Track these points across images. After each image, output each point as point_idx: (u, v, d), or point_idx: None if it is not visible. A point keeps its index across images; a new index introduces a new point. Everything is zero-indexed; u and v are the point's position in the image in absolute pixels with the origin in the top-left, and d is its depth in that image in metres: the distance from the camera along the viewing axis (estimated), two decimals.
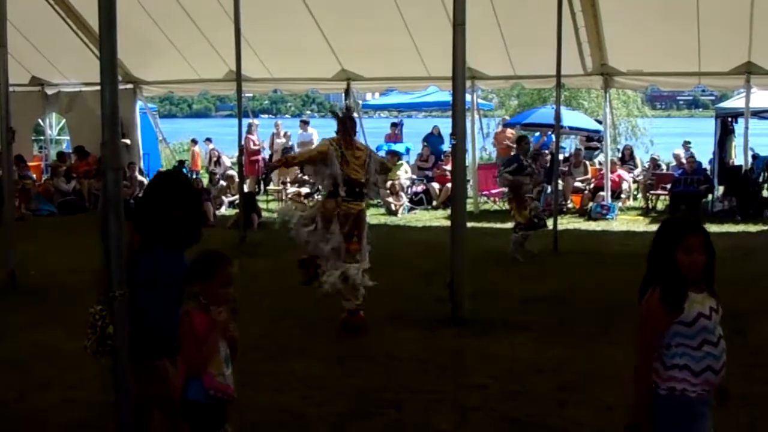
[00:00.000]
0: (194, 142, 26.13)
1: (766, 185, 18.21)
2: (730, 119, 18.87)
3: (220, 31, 15.75)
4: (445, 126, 13.92)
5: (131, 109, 19.99)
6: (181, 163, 22.67)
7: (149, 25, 17.02)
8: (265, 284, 10.00)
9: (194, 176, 21.78)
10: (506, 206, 18.71)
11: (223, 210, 18.04)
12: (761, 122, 21.08)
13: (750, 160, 17.24)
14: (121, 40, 4.40)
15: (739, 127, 18.18)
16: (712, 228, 14.77)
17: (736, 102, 18.60)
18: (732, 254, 11.95)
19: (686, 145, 20.86)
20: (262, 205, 19.23)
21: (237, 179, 16.65)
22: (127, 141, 19.14)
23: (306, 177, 14.15)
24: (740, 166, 17.19)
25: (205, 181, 19.68)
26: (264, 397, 6.14)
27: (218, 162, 21.62)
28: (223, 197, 18.56)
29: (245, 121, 15.78)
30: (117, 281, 4.16)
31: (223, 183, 19.00)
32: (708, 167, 18.80)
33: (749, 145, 16.68)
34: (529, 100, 31.85)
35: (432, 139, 22.42)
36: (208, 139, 24.65)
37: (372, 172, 8.37)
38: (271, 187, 21.03)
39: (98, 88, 4.28)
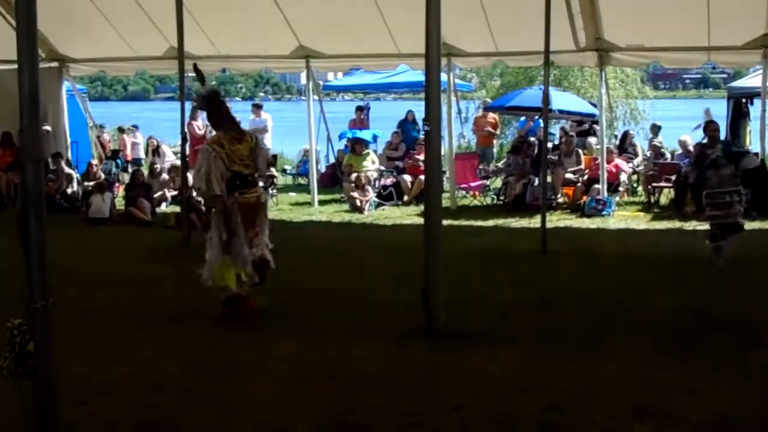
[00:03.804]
0: (121, 131, 25.81)
1: None
2: (744, 100, 18.94)
3: (159, 1, 15.68)
4: (419, 110, 13.91)
5: (56, 91, 19.85)
6: (115, 153, 22.56)
7: None
8: (213, 291, 9.95)
9: (132, 168, 21.63)
10: (486, 201, 18.88)
11: (164, 207, 17.97)
12: None
13: None
14: (44, 10, 4.37)
15: (754, 109, 18.24)
16: None
17: (751, 80, 18.69)
18: (746, 255, 12.06)
19: (654, 129, 21.17)
20: None
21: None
22: (48, 127, 18.97)
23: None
24: (756, 154, 17.26)
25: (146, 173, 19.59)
26: (211, 422, 6.10)
27: (157, 152, 21.53)
28: (166, 192, 18.47)
29: (188, 105, 15.69)
30: (38, 292, 4.13)
31: (165, 176, 18.91)
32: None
33: (767, 129, 16.64)
34: (513, 80, 31.98)
35: (407, 126, 22.44)
36: (135, 127, 24.53)
37: (260, 166, 9.33)
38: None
39: (15, 66, 4.25)
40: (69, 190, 18.52)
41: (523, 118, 24.18)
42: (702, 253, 11.81)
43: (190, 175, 17.61)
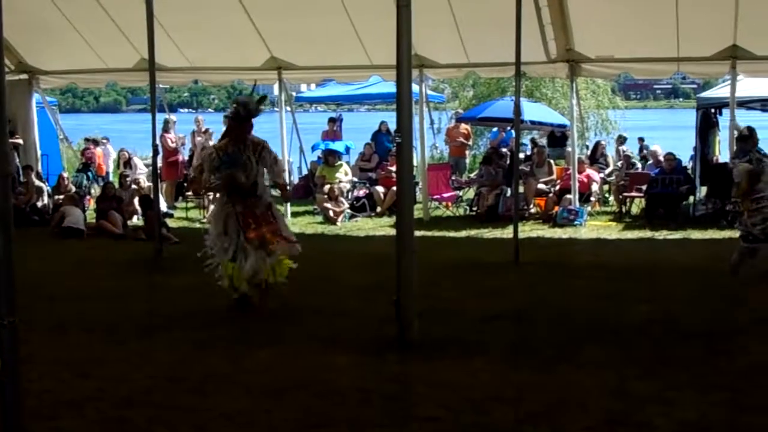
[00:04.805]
0: (95, 143, 25.61)
1: None
2: (713, 110, 19.05)
3: (130, 13, 15.62)
4: (393, 121, 13.97)
5: (26, 103, 19.71)
6: (86, 166, 22.42)
7: (47, 6, 16.81)
8: (184, 305, 9.94)
9: (102, 181, 21.51)
10: (459, 212, 18.91)
11: (135, 220, 17.87)
12: (749, 114, 21.36)
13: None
14: (13, 21, 4.35)
15: (723, 119, 18.37)
16: (694, 234, 15.17)
17: (720, 91, 18.80)
18: (716, 264, 12.14)
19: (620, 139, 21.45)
20: (180, 214, 19.17)
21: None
22: (19, 140, 18.87)
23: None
24: (725, 164, 17.37)
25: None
26: None
27: (129, 164, 21.43)
28: (137, 205, 18.37)
29: (161, 117, 15.65)
30: (5, 308, 4.10)
31: (135, 188, 18.82)
32: (689, 165, 19.04)
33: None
34: (485, 90, 32.10)
35: (380, 138, 22.45)
36: (105, 139, 24.40)
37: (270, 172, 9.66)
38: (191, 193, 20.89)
39: None
40: (39, 203, 18.39)
41: (495, 129, 24.28)
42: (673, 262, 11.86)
43: (162, 188, 17.68)
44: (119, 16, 16.79)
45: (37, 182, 18.92)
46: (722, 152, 18.92)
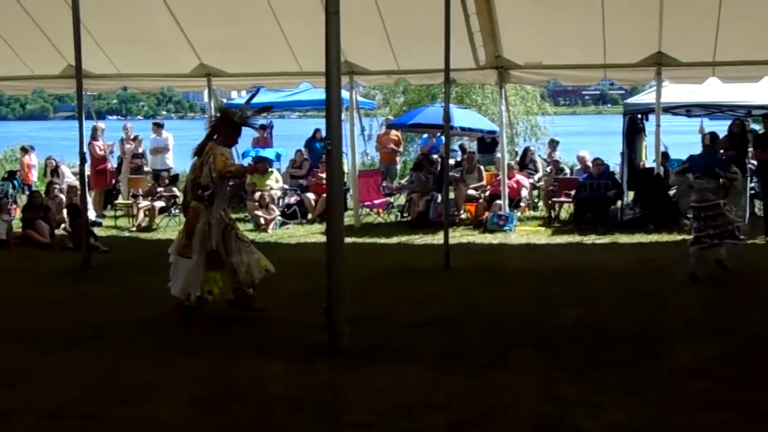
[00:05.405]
0: (24, 150, 25.25)
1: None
2: (640, 116, 19.30)
3: (56, 19, 15.44)
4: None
5: None
6: (11, 174, 22.08)
7: None
8: (113, 314, 9.84)
9: (28, 190, 21.18)
10: (390, 218, 18.95)
11: (63, 229, 17.63)
12: (675, 119, 21.68)
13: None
14: None
15: (650, 124, 18.63)
16: (622, 239, 15.37)
17: (646, 97, 19.07)
18: (644, 268, 12.33)
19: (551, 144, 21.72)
20: (109, 222, 18.97)
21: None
22: None
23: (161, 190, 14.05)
24: (651, 169, 17.63)
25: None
26: None
27: (56, 172, 21.14)
28: (65, 213, 18.12)
29: (89, 124, 15.46)
30: None
31: (62, 196, 18.55)
32: (617, 170, 19.27)
33: (662, 145, 17.00)
34: (416, 97, 32.21)
35: (315, 145, 22.41)
36: (31, 147, 24.07)
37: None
38: (120, 201, 20.68)
39: None
40: None
41: (425, 135, 24.36)
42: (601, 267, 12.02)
43: (89, 196, 17.44)
44: (45, 22, 16.55)
45: None
46: (648, 157, 19.17)
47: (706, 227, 11.42)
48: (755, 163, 16.35)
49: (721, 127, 16.01)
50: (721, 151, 13.72)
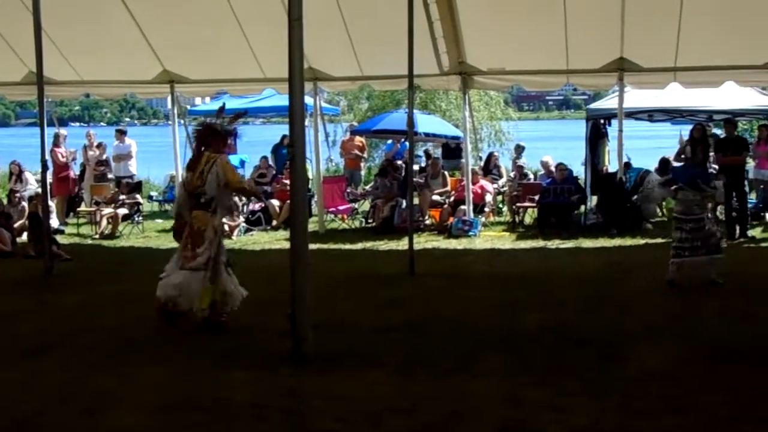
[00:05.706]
0: None
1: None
2: (602, 121, 19.43)
3: (17, 26, 15.34)
4: None
5: None
6: None
7: None
8: (76, 322, 9.75)
9: None
10: (355, 225, 18.94)
11: (25, 237, 17.46)
12: (638, 124, 21.81)
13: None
14: None
15: (612, 129, 18.75)
16: (585, 243, 15.44)
17: (609, 102, 19.20)
18: (607, 272, 12.40)
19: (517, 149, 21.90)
20: (72, 230, 18.82)
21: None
22: None
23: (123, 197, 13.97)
24: (614, 174, 17.72)
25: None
26: None
27: (20, 177, 20.95)
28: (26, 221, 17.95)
29: (51, 131, 15.34)
30: None
31: (24, 204, 18.37)
32: (581, 175, 19.37)
33: (624, 150, 17.10)
34: (380, 103, 32.24)
35: (281, 151, 22.35)
36: None
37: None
38: (83, 208, 20.52)
39: None
40: None
41: (390, 141, 24.36)
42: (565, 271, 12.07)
43: (52, 204, 17.30)
44: (6, 28, 16.45)
45: None
46: (611, 162, 19.29)
47: (691, 239, 11.43)
48: (716, 167, 16.49)
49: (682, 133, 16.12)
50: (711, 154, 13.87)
